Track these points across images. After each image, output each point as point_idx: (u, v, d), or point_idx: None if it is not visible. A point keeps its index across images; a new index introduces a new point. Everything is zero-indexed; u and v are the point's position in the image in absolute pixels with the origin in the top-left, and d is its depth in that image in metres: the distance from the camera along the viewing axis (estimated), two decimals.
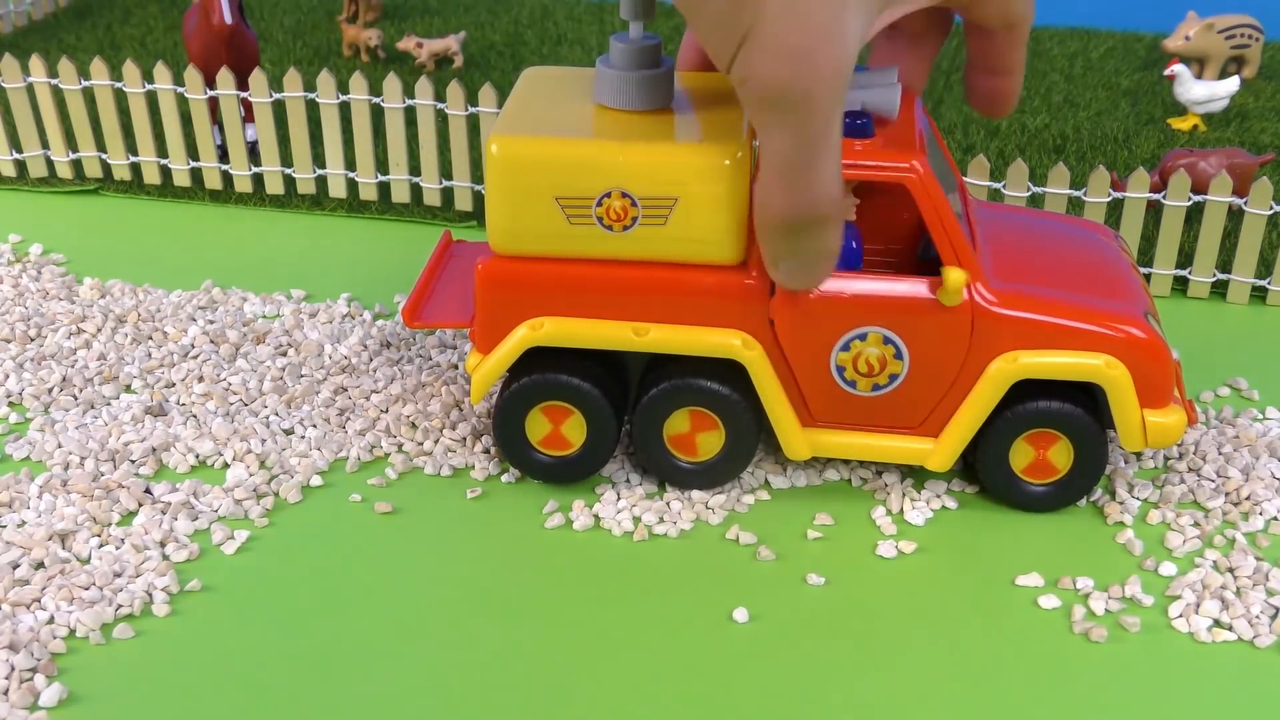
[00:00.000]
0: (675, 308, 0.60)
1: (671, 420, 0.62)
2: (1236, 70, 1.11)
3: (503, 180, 0.58)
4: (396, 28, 1.28)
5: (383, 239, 0.89)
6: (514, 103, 0.62)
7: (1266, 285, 0.80)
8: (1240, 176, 0.85)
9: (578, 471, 0.64)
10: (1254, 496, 0.63)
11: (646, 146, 0.57)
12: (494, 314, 0.62)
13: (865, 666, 0.54)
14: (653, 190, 0.57)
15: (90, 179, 0.97)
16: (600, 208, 0.58)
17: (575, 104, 0.61)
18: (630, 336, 0.60)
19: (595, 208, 0.58)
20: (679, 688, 0.53)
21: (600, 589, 0.58)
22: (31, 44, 1.20)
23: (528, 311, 0.61)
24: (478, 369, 0.62)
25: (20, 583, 0.58)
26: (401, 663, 0.54)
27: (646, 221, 0.58)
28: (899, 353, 0.60)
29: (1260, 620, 0.56)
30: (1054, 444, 0.61)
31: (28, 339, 0.76)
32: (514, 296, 0.61)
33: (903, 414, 0.61)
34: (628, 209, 0.58)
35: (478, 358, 0.63)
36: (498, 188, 0.59)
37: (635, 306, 0.60)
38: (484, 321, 0.62)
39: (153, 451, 0.66)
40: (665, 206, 0.57)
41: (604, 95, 0.60)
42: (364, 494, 0.64)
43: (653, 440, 0.63)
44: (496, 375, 0.62)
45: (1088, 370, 0.59)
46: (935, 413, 0.61)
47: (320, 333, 0.76)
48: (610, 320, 0.61)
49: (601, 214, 0.58)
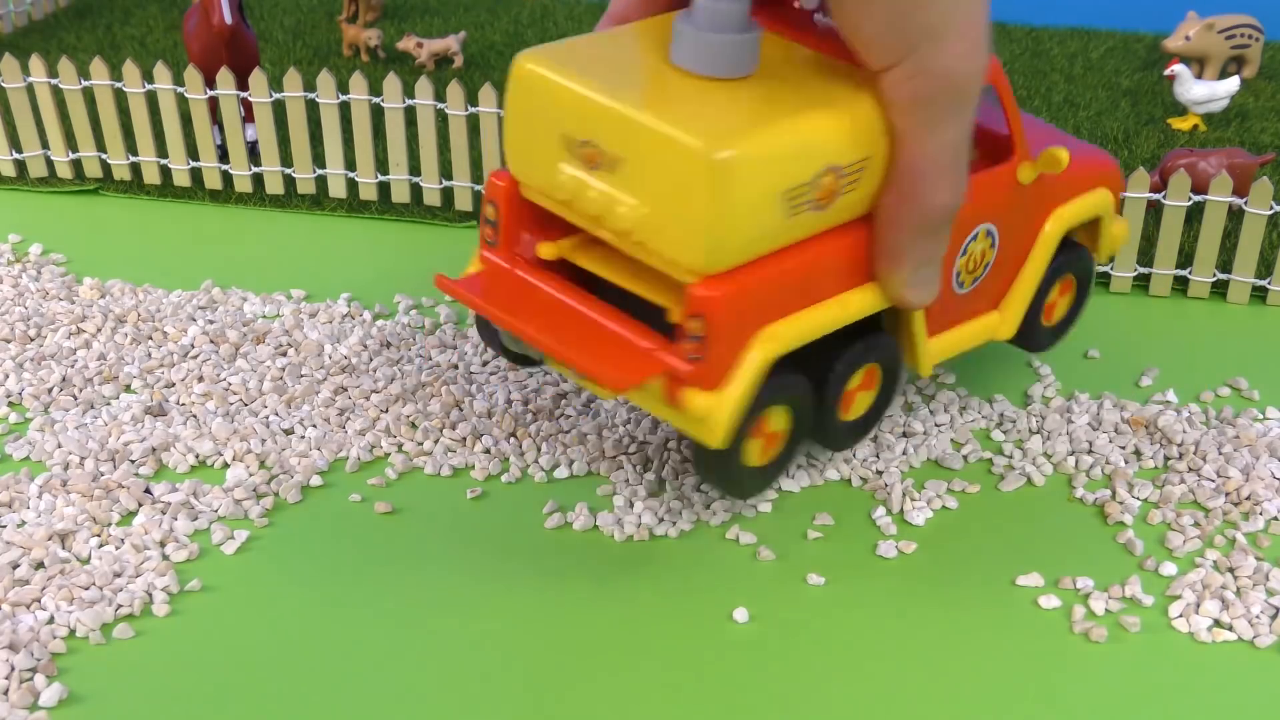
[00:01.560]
0: (860, 266, 0.56)
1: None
2: (1236, 70, 1.11)
3: (730, 189, 0.50)
4: (396, 28, 1.28)
5: (383, 239, 0.89)
6: (642, 99, 0.52)
7: (1266, 285, 0.80)
8: (1240, 176, 0.85)
9: (777, 471, 0.60)
10: (1254, 496, 0.63)
11: (843, 113, 0.52)
12: (730, 341, 0.53)
13: (865, 666, 0.54)
14: (854, 156, 0.53)
15: (90, 179, 0.97)
16: (815, 189, 0.53)
17: (702, 82, 0.53)
18: (842, 312, 0.56)
19: (810, 191, 0.53)
20: (679, 688, 0.53)
21: (600, 589, 0.58)
22: (31, 44, 1.20)
23: (751, 324, 0.54)
24: (718, 407, 0.53)
25: (20, 583, 0.57)
26: (401, 662, 0.54)
27: (847, 190, 0.54)
28: (994, 242, 0.61)
29: (1260, 620, 0.56)
30: (1067, 289, 0.68)
31: (27, 339, 0.76)
32: (743, 314, 0.53)
33: (984, 299, 0.64)
34: (837, 182, 0.53)
35: (706, 396, 0.54)
36: (722, 199, 0.50)
37: (833, 278, 0.56)
38: (721, 354, 0.53)
39: (152, 451, 0.66)
40: (860, 169, 0.54)
41: (722, 65, 0.53)
42: (364, 494, 0.64)
43: (833, 405, 0.59)
44: (744, 408, 0.54)
45: (1102, 203, 0.66)
46: (1002, 287, 0.64)
47: (320, 333, 0.76)
48: (821, 301, 0.55)
49: (815, 195, 0.53)
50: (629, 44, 0.56)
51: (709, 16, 0.51)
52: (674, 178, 0.50)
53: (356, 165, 0.93)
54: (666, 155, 0.50)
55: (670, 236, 0.52)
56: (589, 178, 0.53)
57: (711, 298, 0.52)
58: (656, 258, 0.53)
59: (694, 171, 0.50)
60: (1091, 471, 0.65)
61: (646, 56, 0.55)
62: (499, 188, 0.58)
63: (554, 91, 0.54)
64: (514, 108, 0.56)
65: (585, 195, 0.54)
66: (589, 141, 0.53)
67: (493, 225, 0.59)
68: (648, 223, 0.52)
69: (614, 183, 0.52)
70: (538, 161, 0.55)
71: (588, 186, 0.53)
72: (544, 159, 0.55)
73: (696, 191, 0.50)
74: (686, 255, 0.52)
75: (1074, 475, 0.65)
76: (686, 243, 0.51)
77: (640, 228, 0.52)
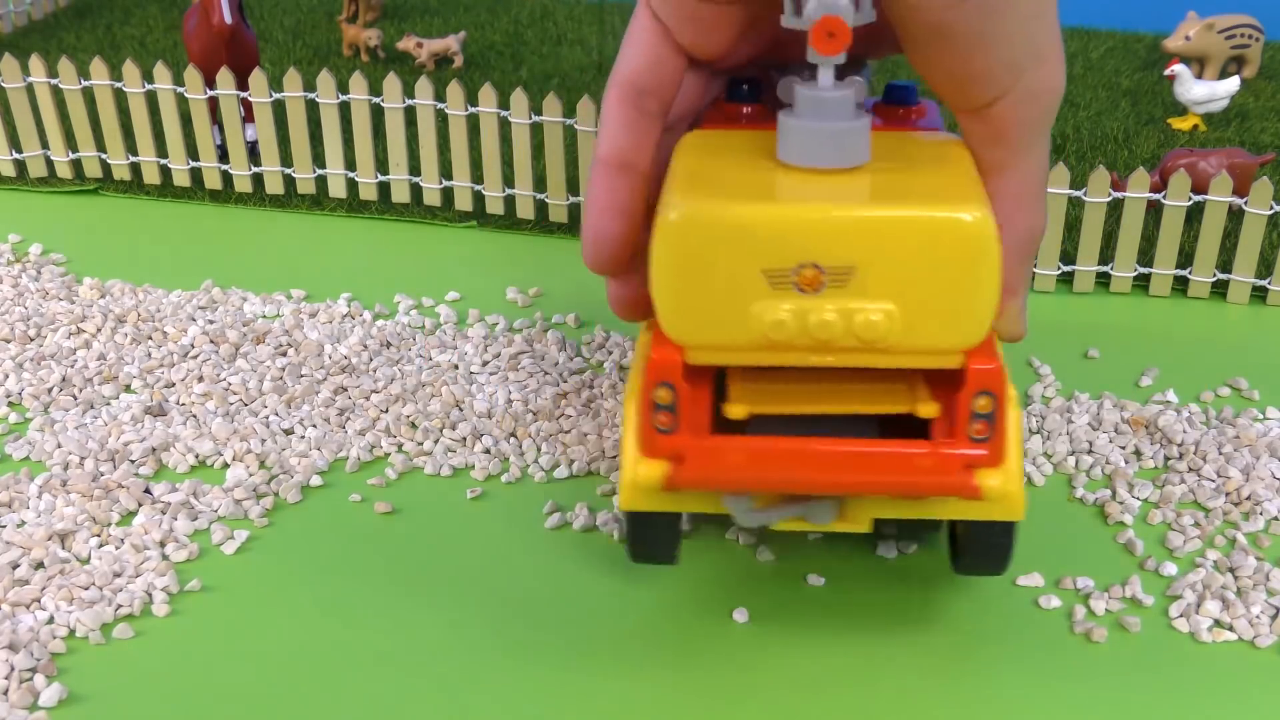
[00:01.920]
0: None
1: None
2: (1236, 70, 1.11)
3: (992, 249, 0.47)
4: (396, 28, 1.28)
5: (383, 239, 0.89)
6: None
7: (1266, 285, 0.80)
8: (1240, 176, 0.85)
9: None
10: (1254, 496, 0.63)
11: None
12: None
13: (865, 667, 0.54)
14: None
15: (90, 179, 0.97)
16: None
17: (855, 173, 0.49)
18: None
19: None
20: (679, 688, 0.53)
21: (600, 589, 0.58)
22: (31, 44, 1.20)
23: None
24: (1012, 479, 0.50)
25: (20, 583, 0.57)
26: (401, 662, 0.54)
27: None
28: None
29: (1261, 620, 0.56)
30: None
31: (27, 339, 0.76)
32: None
33: None
34: None
35: (997, 474, 0.50)
36: (988, 262, 0.47)
37: None
38: (1005, 427, 0.50)
39: (152, 451, 0.66)
40: None
41: (858, 152, 0.49)
42: (364, 494, 0.64)
43: None
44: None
45: None
46: None
47: (320, 333, 0.76)
48: None
49: None
50: (727, 157, 0.51)
51: (835, 107, 0.48)
52: (930, 260, 0.47)
53: (356, 165, 0.93)
54: (919, 239, 0.47)
55: (931, 325, 0.48)
56: (814, 303, 0.47)
57: (996, 370, 0.49)
58: (909, 355, 0.48)
59: (957, 243, 0.47)
60: (1091, 471, 0.65)
61: (760, 163, 0.50)
62: (673, 364, 0.49)
63: (744, 227, 0.47)
64: (681, 263, 0.47)
65: (816, 323, 0.47)
66: (806, 263, 0.47)
67: (670, 410, 0.50)
68: (901, 321, 0.47)
69: (848, 296, 0.47)
70: (726, 313, 0.48)
71: (816, 313, 0.47)
72: (735, 307, 0.48)
73: (962, 263, 0.47)
74: (954, 337, 0.48)
75: (1074, 475, 0.65)
76: (954, 323, 0.48)
77: (893, 330, 0.48)
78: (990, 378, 0.48)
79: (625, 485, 0.51)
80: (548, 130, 0.88)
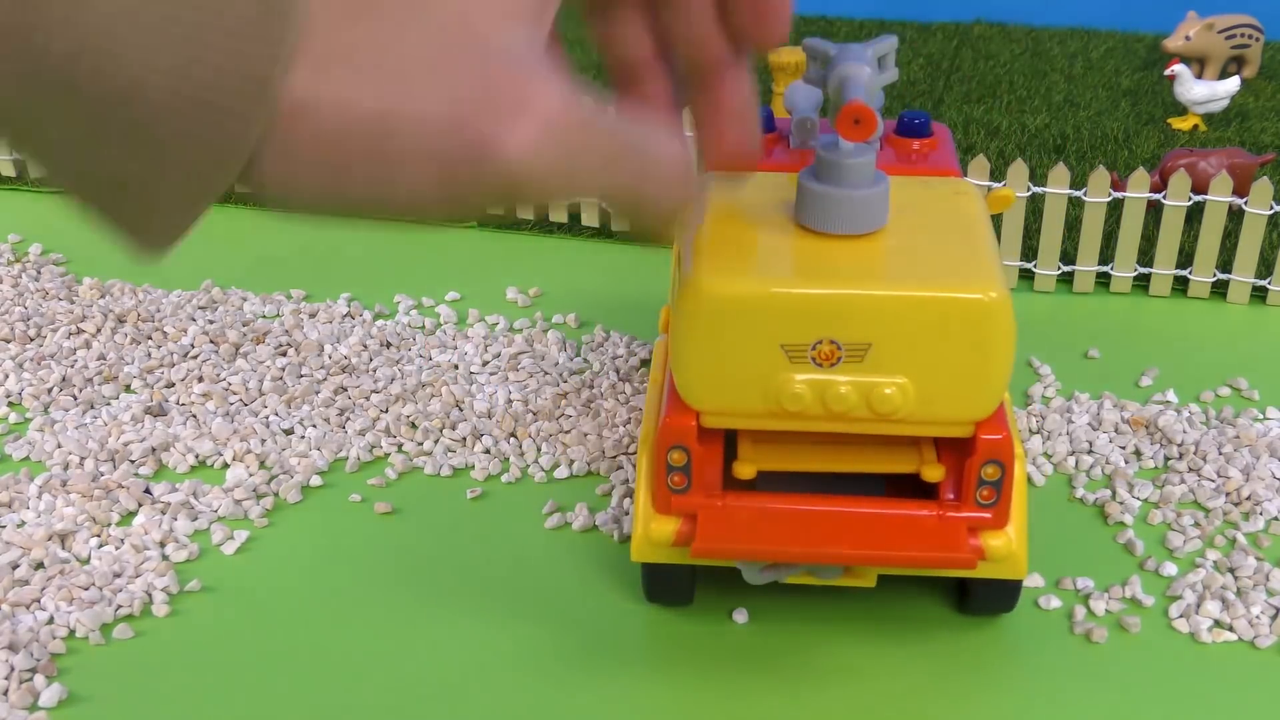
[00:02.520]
0: None
1: None
2: (1236, 70, 1.11)
3: (1009, 326, 0.49)
4: None
5: (383, 239, 0.89)
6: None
7: (1266, 285, 0.80)
8: (1240, 176, 0.85)
9: None
10: (1254, 496, 0.63)
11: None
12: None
13: (865, 667, 0.54)
14: None
15: None
16: None
17: (869, 240, 0.50)
18: None
19: None
20: (679, 688, 0.53)
21: (599, 589, 0.58)
22: None
23: None
24: (1016, 539, 0.52)
25: (20, 583, 0.57)
26: (401, 662, 0.54)
27: None
28: None
29: (1261, 620, 0.56)
30: None
31: (28, 339, 0.76)
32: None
33: None
34: None
35: (1001, 535, 0.52)
36: (1005, 339, 0.49)
37: None
38: (1010, 492, 0.52)
39: (152, 451, 0.66)
40: None
41: (877, 218, 0.50)
42: (364, 494, 0.64)
43: None
44: None
45: None
46: None
47: (320, 333, 0.76)
48: None
49: None
50: (748, 219, 0.52)
51: (858, 174, 0.48)
52: (945, 336, 0.48)
53: None
54: (934, 317, 0.48)
55: (944, 398, 0.49)
56: (830, 377, 0.49)
57: (1005, 440, 0.50)
58: (921, 425, 0.50)
59: (971, 321, 0.48)
60: (1091, 471, 0.65)
61: (779, 227, 0.51)
62: (688, 429, 0.51)
63: (767, 305, 0.48)
64: (704, 336, 0.49)
65: (832, 396, 0.49)
66: (824, 339, 0.48)
67: (683, 471, 0.52)
68: (914, 395, 0.49)
69: (864, 371, 0.49)
70: (744, 383, 0.49)
71: (832, 387, 0.49)
72: (754, 378, 0.49)
73: (976, 340, 0.48)
74: (966, 409, 0.50)
75: (1074, 475, 0.65)
76: (966, 396, 0.49)
77: (906, 403, 0.49)
78: (1000, 448, 0.50)
79: (638, 539, 0.53)
80: None
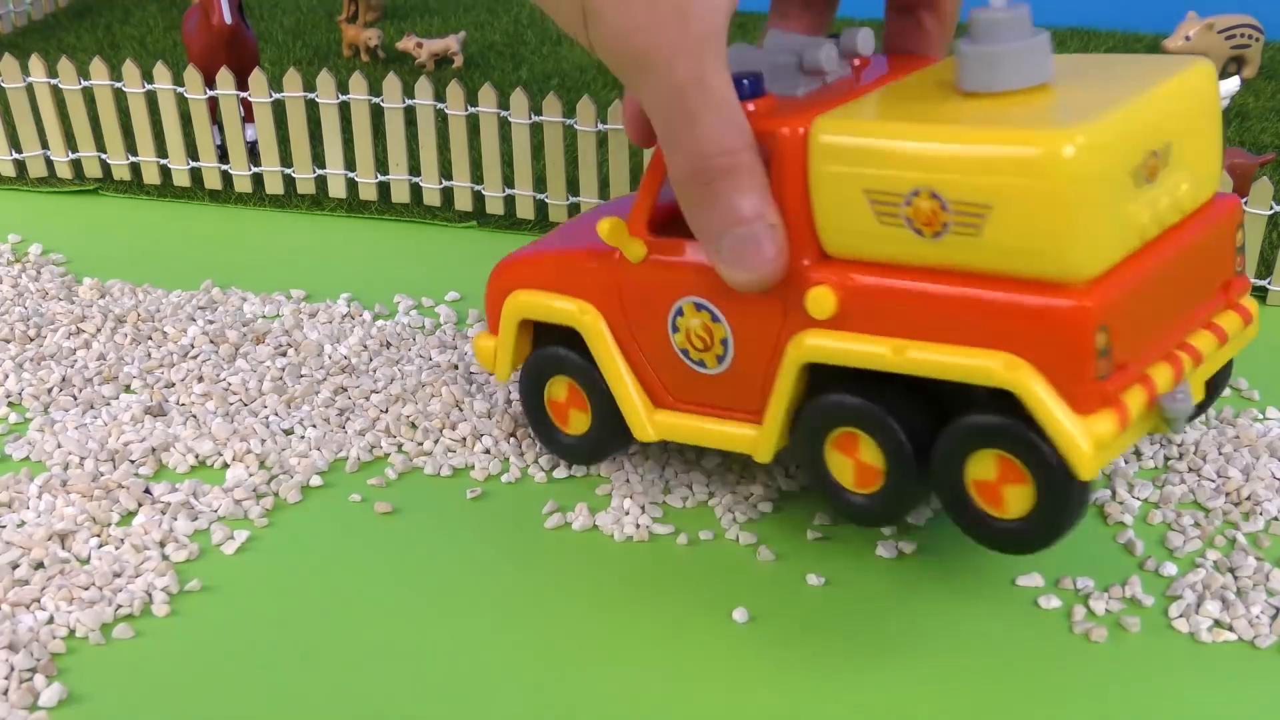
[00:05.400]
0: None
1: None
2: (1236, 70, 1.11)
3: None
4: (396, 28, 1.28)
5: (382, 239, 0.89)
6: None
7: (1266, 285, 0.80)
8: (1240, 176, 0.85)
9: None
10: (1254, 496, 0.63)
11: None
12: None
13: (865, 667, 0.54)
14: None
15: (90, 179, 0.97)
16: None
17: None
18: None
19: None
20: (679, 688, 0.53)
21: (600, 589, 0.58)
22: (31, 44, 1.20)
23: None
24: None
25: (20, 583, 0.57)
26: (401, 663, 0.54)
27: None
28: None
29: (1260, 620, 0.56)
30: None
31: (27, 339, 0.76)
32: None
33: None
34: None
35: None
36: None
37: None
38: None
39: (152, 451, 0.66)
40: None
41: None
42: (364, 494, 0.64)
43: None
44: None
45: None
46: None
47: (320, 333, 0.76)
48: None
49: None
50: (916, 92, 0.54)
51: (1027, 25, 0.50)
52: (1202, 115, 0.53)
53: (356, 165, 0.93)
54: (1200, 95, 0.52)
55: (1206, 180, 0.53)
56: (1161, 185, 0.50)
57: (1237, 202, 0.56)
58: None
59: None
60: None
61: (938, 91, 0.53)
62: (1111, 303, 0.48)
63: (1125, 140, 0.48)
64: (1092, 197, 0.47)
65: (1165, 207, 0.51)
66: (1157, 150, 0.50)
67: (1106, 354, 0.48)
68: (1193, 184, 0.52)
69: (1173, 175, 0.51)
70: (1116, 226, 0.48)
71: (1170, 191, 0.51)
72: (1119, 217, 0.48)
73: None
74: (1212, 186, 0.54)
75: None
76: (1209, 175, 0.54)
77: (1191, 193, 0.52)
78: (1239, 209, 0.56)
79: (1089, 455, 0.48)
80: (547, 130, 0.88)
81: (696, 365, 0.58)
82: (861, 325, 0.52)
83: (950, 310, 0.50)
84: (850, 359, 0.52)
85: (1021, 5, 0.50)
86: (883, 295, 0.51)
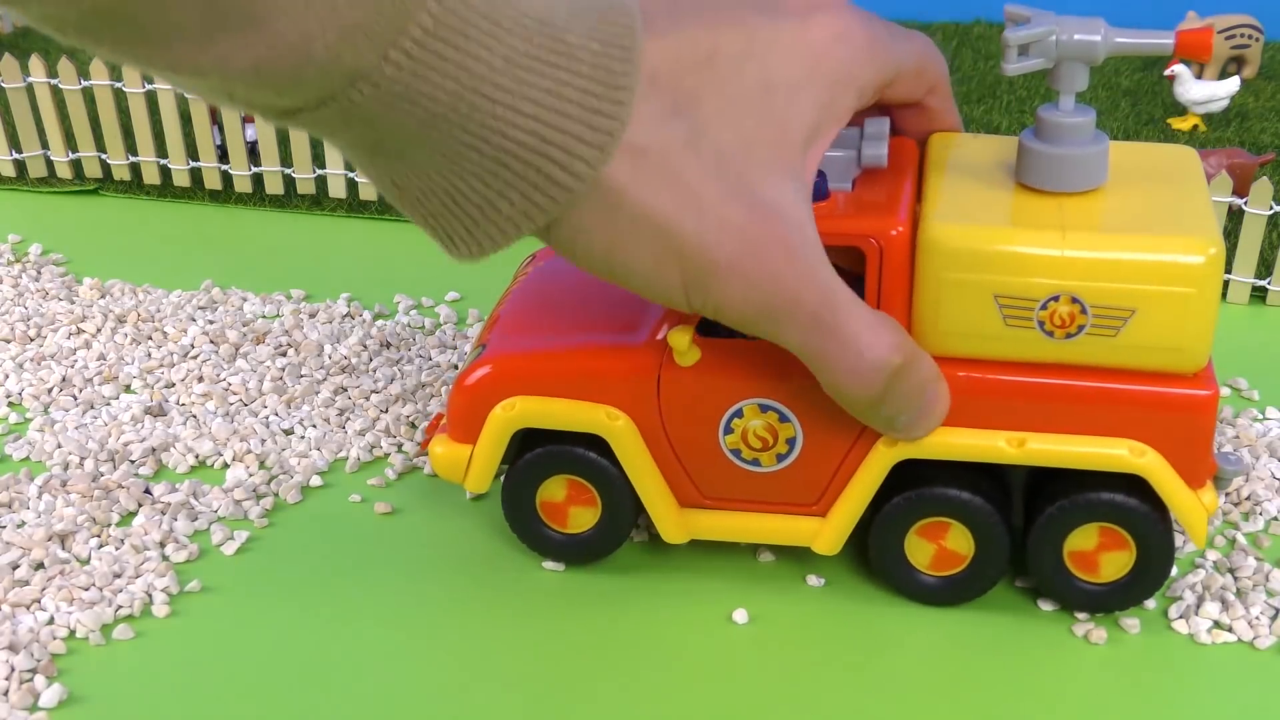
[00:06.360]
0: None
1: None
2: (1236, 70, 1.11)
3: None
4: None
5: (383, 239, 0.89)
6: None
7: (1266, 285, 0.80)
8: (1240, 176, 0.85)
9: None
10: (1254, 496, 0.63)
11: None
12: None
13: (865, 667, 0.54)
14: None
15: (90, 179, 0.97)
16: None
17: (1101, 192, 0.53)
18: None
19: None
20: (679, 688, 0.53)
21: (600, 589, 0.58)
22: (31, 44, 1.20)
23: None
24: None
25: (20, 583, 0.57)
26: (401, 663, 0.54)
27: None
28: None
29: (1260, 621, 0.56)
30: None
31: (27, 339, 0.76)
32: None
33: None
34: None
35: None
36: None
37: None
38: None
39: (152, 452, 0.66)
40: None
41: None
42: (364, 494, 0.64)
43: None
44: None
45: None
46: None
47: (320, 333, 0.76)
48: None
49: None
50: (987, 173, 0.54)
51: (1084, 129, 0.52)
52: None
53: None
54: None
55: None
56: None
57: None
58: None
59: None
60: None
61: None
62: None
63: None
64: (1216, 292, 0.50)
65: None
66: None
67: None
68: None
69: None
70: None
71: None
72: None
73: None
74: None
75: None
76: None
77: None
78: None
79: (1205, 525, 0.53)
80: None
81: (749, 465, 0.56)
82: (968, 420, 0.53)
83: (1073, 402, 0.52)
84: (963, 453, 0.53)
85: (1090, 109, 0.52)
86: (997, 390, 0.52)
